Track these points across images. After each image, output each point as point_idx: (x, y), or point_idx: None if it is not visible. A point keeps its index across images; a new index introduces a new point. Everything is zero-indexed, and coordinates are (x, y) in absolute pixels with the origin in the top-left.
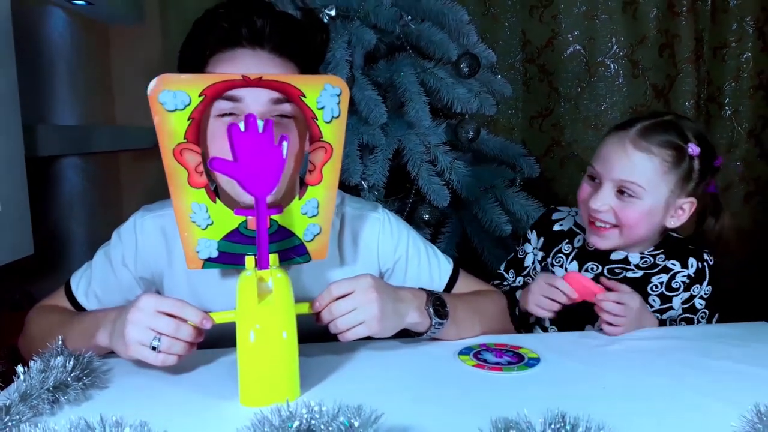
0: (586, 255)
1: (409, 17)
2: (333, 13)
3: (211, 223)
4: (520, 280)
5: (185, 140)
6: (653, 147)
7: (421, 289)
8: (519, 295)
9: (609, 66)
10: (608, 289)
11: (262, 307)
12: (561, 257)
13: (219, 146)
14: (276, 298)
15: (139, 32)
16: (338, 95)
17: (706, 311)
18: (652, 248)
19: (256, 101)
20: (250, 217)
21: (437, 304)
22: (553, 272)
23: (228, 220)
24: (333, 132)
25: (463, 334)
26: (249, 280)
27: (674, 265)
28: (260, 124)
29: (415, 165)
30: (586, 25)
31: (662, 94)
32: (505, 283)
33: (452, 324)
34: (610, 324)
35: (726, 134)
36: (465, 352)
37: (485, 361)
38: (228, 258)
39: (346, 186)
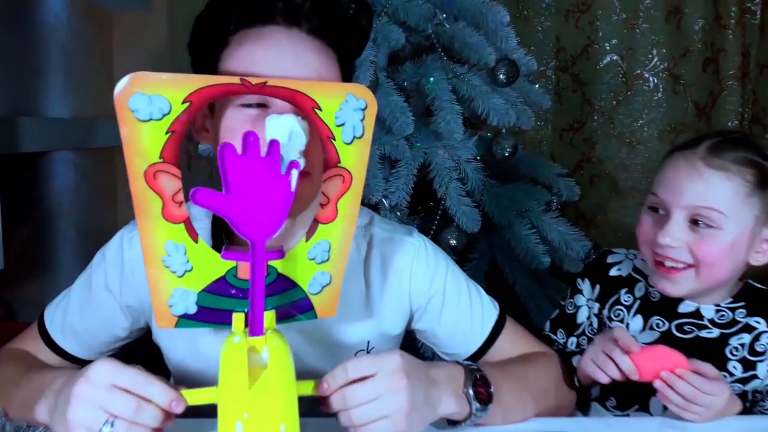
0: (649, 307)
1: (444, 15)
2: None
3: (190, 269)
4: (572, 341)
5: (161, 160)
6: (730, 165)
7: (457, 363)
8: (576, 362)
9: (648, 79)
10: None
11: (253, 388)
12: (620, 310)
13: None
14: (272, 376)
15: (144, 19)
16: (363, 110)
17: None
18: (729, 299)
19: None
20: (241, 263)
21: (479, 383)
22: (611, 328)
23: (212, 266)
24: (354, 156)
25: (511, 418)
26: (236, 349)
27: (758, 323)
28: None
29: (443, 182)
30: (626, 34)
31: (704, 113)
32: (555, 346)
33: (497, 407)
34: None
35: None
36: None
37: None
38: (210, 315)
39: (365, 205)
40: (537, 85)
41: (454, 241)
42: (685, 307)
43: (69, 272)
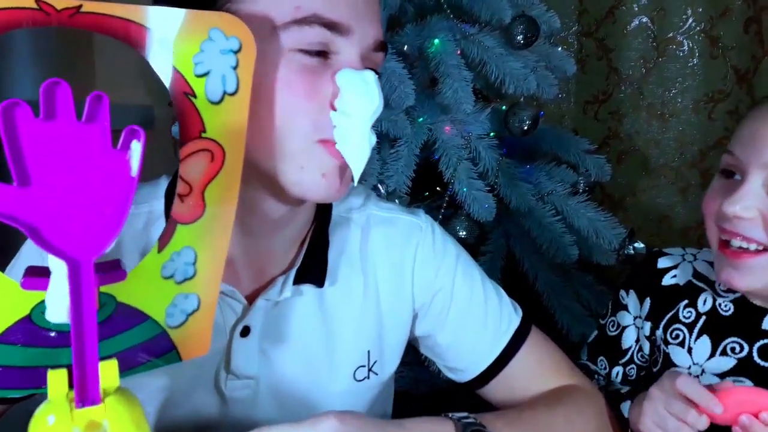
0: (720, 325)
1: None
2: None
3: None
4: (618, 371)
5: None
6: None
7: (445, 416)
8: (627, 410)
9: (682, 43)
10: None
11: None
12: (679, 330)
13: (300, 113)
14: None
15: None
16: (235, 53)
17: None
18: None
19: (364, 39)
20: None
21: None
22: (667, 354)
23: (8, 301)
24: (226, 121)
25: None
26: (56, 428)
27: None
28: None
29: (451, 163)
30: None
31: (745, 79)
32: (596, 378)
33: None
34: None
35: None
36: None
37: None
38: (13, 377)
39: None
40: (560, 48)
41: (464, 232)
42: None
43: None
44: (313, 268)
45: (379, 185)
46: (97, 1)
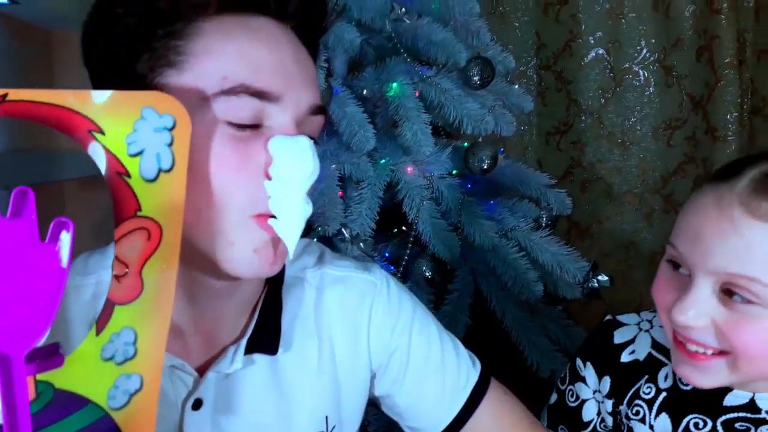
0: (682, 401)
1: (403, 10)
2: None
3: None
4: None
5: None
6: None
7: None
8: None
9: (638, 73)
10: None
11: None
12: (640, 406)
13: (232, 187)
14: None
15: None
16: (170, 130)
17: None
18: None
19: (297, 105)
20: None
21: None
22: (631, 428)
23: None
24: (161, 199)
25: None
26: None
27: None
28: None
29: (414, 204)
30: (611, 26)
31: (700, 106)
32: None
33: None
34: None
35: None
36: None
37: None
38: None
39: (319, 238)
40: (517, 86)
41: (430, 272)
42: (733, 399)
43: None
44: (265, 336)
45: (343, 229)
46: (20, 90)
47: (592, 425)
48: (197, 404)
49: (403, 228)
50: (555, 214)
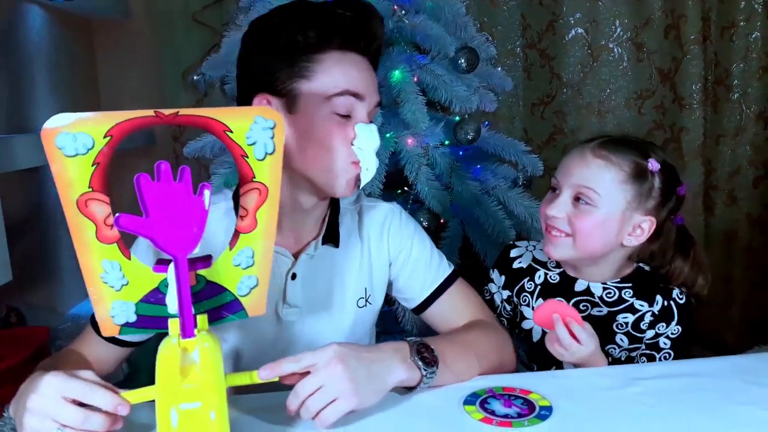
0: (550, 290)
1: (403, 12)
2: None
3: (126, 283)
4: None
5: (90, 189)
6: (612, 156)
7: (402, 339)
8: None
9: (613, 50)
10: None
11: (185, 382)
12: (526, 296)
13: (338, 147)
14: (202, 372)
15: (126, 28)
16: (272, 128)
17: (671, 352)
18: (618, 280)
19: (370, 103)
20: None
21: (422, 350)
22: (521, 312)
23: (146, 279)
24: (267, 171)
25: (462, 376)
26: (171, 350)
27: (642, 306)
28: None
29: (413, 169)
30: (588, 8)
31: (668, 78)
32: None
33: (444, 368)
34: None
35: (734, 117)
36: (471, 401)
37: (493, 412)
38: (149, 322)
39: None
40: (500, 68)
41: (427, 223)
42: (579, 286)
43: (73, 278)
44: (332, 235)
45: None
46: (188, 108)
47: (499, 309)
48: (294, 276)
49: (405, 188)
50: (529, 175)
